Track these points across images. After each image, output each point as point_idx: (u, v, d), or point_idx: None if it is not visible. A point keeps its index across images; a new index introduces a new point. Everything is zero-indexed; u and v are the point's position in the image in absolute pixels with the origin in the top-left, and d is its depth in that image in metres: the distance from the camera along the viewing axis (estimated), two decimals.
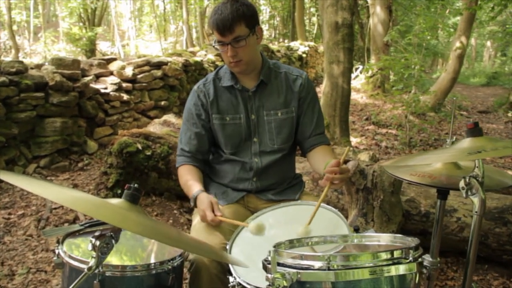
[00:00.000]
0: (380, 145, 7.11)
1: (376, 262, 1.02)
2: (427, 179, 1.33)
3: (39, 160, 4.47)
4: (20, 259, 2.92)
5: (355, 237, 1.27)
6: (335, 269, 0.97)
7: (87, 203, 0.96)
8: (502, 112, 10.77)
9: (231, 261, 1.24)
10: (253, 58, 1.87)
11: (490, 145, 1.08)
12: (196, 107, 1.96)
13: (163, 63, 6.30)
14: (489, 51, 30.05)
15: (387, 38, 10.28)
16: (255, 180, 1.96)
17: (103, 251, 1.08)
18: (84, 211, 0.96)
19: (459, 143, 1.18)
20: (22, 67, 4.41)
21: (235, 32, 1.74)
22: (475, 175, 1.11)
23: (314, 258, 1.01)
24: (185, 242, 1.10)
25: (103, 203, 1.02)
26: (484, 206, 1.12)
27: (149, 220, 1.07)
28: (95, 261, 1.08)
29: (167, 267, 1.47)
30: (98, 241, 1.07)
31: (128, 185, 1.14)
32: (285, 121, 1.95)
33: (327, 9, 5.91)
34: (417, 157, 1.21)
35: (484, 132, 5.98)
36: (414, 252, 1.03)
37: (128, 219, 1.00)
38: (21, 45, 16.90)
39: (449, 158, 1.16)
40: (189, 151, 1.96)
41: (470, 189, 1.12)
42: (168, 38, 22.23)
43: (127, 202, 1.13)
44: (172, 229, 1.16)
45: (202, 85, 1.99)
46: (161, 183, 3.87)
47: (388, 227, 2.91)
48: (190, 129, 1.97)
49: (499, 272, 2.99)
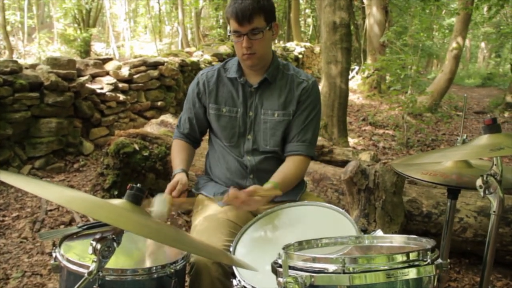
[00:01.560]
0: (377, 145, 7.09)
1: (392, 265, 0.97)
2: (439, 177, 1.29)
3: (34, 161, 4.39)
4: (15, 262, 2.85)
5: (366, 238, 1.22)
6: (350, 272, 0.92)
7: (88, 204, 0.90)
8: (498, 113, 10.80)
9: (240, 265, 1.19)
10: (266, 53, 1.85)
11: (510, 141, 1.03)
12: (193, 93, 1.99)
13: (160, 63, 6.24)
14: (484, 52, 30.20)
15: (384, 38, 10.28)
16: (252, 178, 1.93)
17: (104, 254, 1.03)
18: (85, 212, 0.91)
19: (476, 140, 1.14)
20: (16, 67, 4.34)
21: (254, 23, 1.71)
22: (493, 173, 1.07)
23: (327, 260, 0.96)
24: (192, 245, 1.05)
25: (104, 204, 0.96)
26: (502, 205, 1.07)
27: (153, 222, 1.02)
28: (96, 265, 1.02)
29: (169, 271, 1.42)
30: (99, 244, 1.02)
31: (130, 185, 1.09)
32: (280, 123, 1.89)
33: (325, 9, 5.88)
34: (432, 154, 1.17)
35: (480, 132, 5.92)
36: (432, 254, 0.98)
37: (132, 220, 0.95)
38: (15, 46, 16.76)
39: (469, 155, 1.11)
40: (183, 132, 2.04)
41: (488, 188, 1.08)
42: (163, 39, 22.15)
43: (130, 203, 1.08)
44: (177, 231, 1.11)
45: (206, 73, 1.98)
46: (158, 184, 3.80)
47: (391, 228, 2.87)
48: (186, 112, 2.02)
49: (502, 273, 2.96)
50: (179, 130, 2.06)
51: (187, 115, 2.02)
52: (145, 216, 1.04)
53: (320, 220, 1.64)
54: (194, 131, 2.03)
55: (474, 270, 3.02)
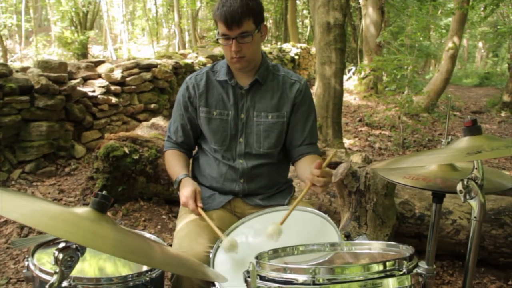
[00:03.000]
0: (373, 146, 7.05)
1: (367, 275, 0.93)
2: (421, 182, 1.24)
3: (24, 165, 4.34)
4: (1, 268, 2.81)
5: (345, 245, 1.18)
6: (320, 283, 0.88)
7: (41, 216, 0.85)
8: (495, 112, 10.76)
9: (208, 277, 1.14)
10: (256, 56, 1.82)
11: (490, 144, 0.99)
12: (184, 98, 1.93)
13: (153, 65, 6.20)
14: (481, 52, 30.19)
15: (380, 39, 10.24)
16: (242, 182, 1.89)
17: (67, 265, 0.98)
18: (36, 226, 0.86)
19: (456, 142, 1.09)
20: (6, 70, 4.29)
21: (243, 27, 1.67)
22: (473, 177, 1.02)
23: (298, 271, 0.91)
24: (159, 260, 1.00)
25: (63, 215, 0.91)
26: (484, 210, 1.03)
27: (116, 232, 0.97)
28: (58, 277, 0.97)
29: (144, 279, 1.38)
30: (62, 254, 0.97)
31: (95, 193, 1.04)
32: (275, 125, 1.86)
33: (319, 9, 5.84)
34: (410, 158, 1.13)
35: None
36: (408, 263, 0.94)
37: (90, 233, 0.90)
38: (12, 50, 16.70)
39: (445, 159, 1.07)
40: (175, 141, 1.98)
41: (469, 193, 1.04)
42: (160, 42, 22.10)
43: (95, 211, 1.03)
44: (146, 244, 1.05)
45: (194, 76, 1.94)
46: (149, 188, 3.76)
47: (382, 230, 2.82)
48: (177, 119, 1.96)
49: (496, 275, 2.92)
50: (171, 140, 2.00)
51: (179, 122, 1.96)
52: (109, 225, 0.99)
53: (304, 225, 1.60)
54: (188, 138, 1.98)
55: None
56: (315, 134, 1.95)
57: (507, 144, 0.95)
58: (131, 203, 3.71)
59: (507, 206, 2.91)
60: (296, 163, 1.94)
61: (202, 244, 1.64)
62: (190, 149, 2.02)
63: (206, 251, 1.60)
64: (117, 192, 3.65)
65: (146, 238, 1.16)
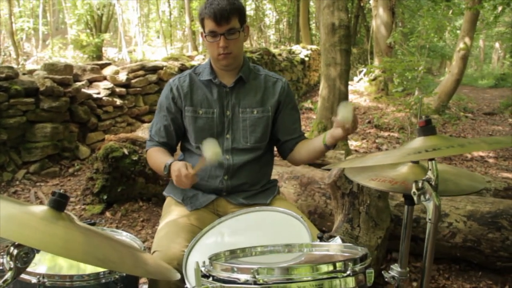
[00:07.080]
0: (380, 148, 6.98)
1: (316, 276, 0.92)
2: (387, 184, 1.23)
3: (29, 165, 4.43)
4: None
5: (304, 246, 1.17)
6: (261, 284, 0.88)
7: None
8: (508, 114, 10.54)
9: (156, 276, 1.15)
10: (240, 54, 1.91)
11: (444, 144, 0.98)
12: (167, 100, 1.97)
13: (159, 67, 6.26)
14: (498, 53, 29.63)
15: (390, 40, 10.14)
16: (226, 179, 1.93)
17: (22, 261, 1.00)
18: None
19: (410, 143, 1.08)
20: (12, 73, 4.39)
21: (231, 23, 1.77)
22: (428, 179, 1.01)
23: (242, 271, 0.92)
24: (114, 261, 1.00)
25: (19, 216, 0.93)
26: (438, 212, 1.02)
27: (76, 233, 0.99)
28: (12, 274, 0.99)
29: (113, 277, 1.40)
30: (16, 250, 0.99)
31: (53, 191, 1.06)
32: (260, 120, 1.93)
33: (324, 11, 5.81)
34: (368, 158, 1.11)
35: (489, 133, 5.84)
36: (354, 265, 0.93)
37: (44, 234, 0.92)
38: (30, 53, 17.02)
39: (396, 159, 1.06)
40: (158, 142, 2.01)
41: (423, 194, 1.02)
42: (175, 44, 22.27)
43: (52, 210, 1.05)
44: (109, 245, 1.07)
45: (177, 79, 1.99)
46: (148, 188, 3.80)
47: (375, 233, 2.80)
48: (160, 121, 1.99)
49: (493, 280, 2.86)
50: (153, 140, 2.02)
51: (162, 123, 1.99)
52: (65, 223, 1.01)
53: (277, 226, 1.61)
54: (171, 139, 2.01)
55: (464, 276, 2.93)
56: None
57: (460, 143, 0.94)
58: (131, 203, 3.75)
59: (504, 209, 2.86)
60: (293, 151, 2.02)
61: (181, 244, 1.68)
62: (172, 150, 2.03)
63: (183, 250, 1.62)
64: (116, 192, 3.70)
65: (107, 236, 1.18)
